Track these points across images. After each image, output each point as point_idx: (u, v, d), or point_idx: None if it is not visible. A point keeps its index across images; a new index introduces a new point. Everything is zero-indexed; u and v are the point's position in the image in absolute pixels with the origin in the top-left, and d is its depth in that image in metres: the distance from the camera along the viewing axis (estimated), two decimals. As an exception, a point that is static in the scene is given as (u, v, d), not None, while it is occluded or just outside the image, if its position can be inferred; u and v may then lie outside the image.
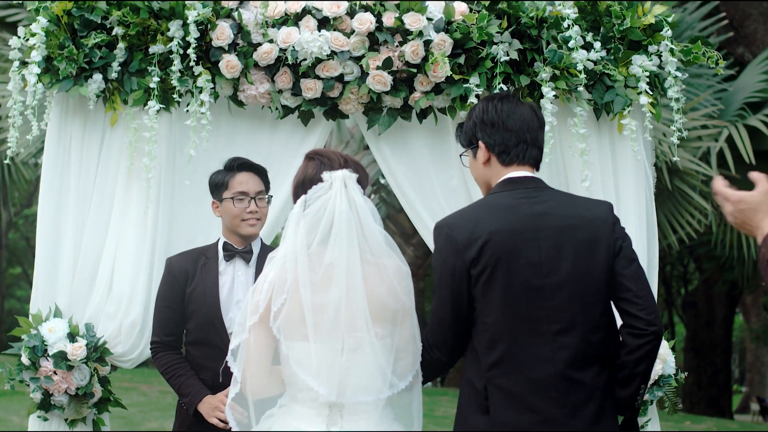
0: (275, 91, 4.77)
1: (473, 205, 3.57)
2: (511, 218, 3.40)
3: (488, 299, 3.35)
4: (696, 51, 4.71)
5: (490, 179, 3.57)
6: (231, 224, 4.48)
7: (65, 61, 4.64)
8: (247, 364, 3.40)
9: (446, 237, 3.41)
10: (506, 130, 3.53)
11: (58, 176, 4.80)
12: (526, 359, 3.31)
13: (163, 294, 4.50)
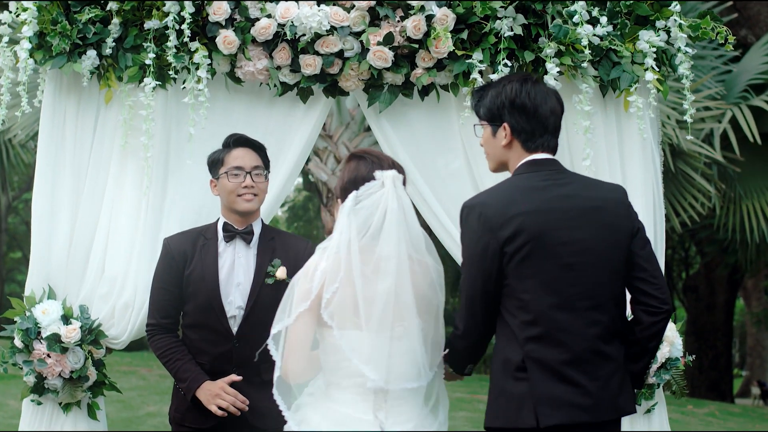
0: (273, 67, 4.69)
1: (502, 186, 3.58)
2: (541, 198, 3.50)
3: (524, 277, 3.44)
4: (705, 26, 4.62)
5: (508, 160, 3.64)
6: (227, 200, 4.39)
7: (58, 36, 4.57)
8: (290, 350, 3.52)
9: (479, 216, 3.46)
10: (536, 119, 3.58)
11: (53, 155, 4.73)
12: (563, 334, 3.43)
13: (161, 275, 4.41)
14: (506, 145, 3.60)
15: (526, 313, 3.44)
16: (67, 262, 4.69)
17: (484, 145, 3.70)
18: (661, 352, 4.52)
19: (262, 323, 4.27)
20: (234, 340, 4.32)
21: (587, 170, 4.56)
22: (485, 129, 3.68)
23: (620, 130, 4.73)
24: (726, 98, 12.36)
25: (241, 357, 4.30)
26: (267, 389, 4.30)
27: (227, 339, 4.33)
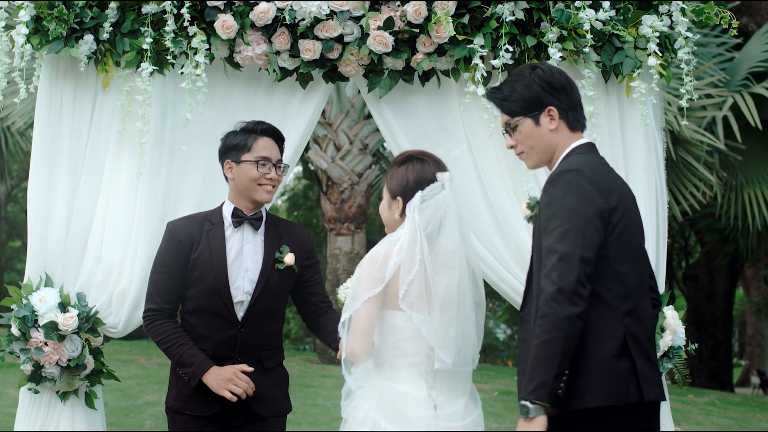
0: (272, 52, 4.69)
1: (587, 159, 3.55)
2: (618, 177, 3.57)
3: (621, 248, 3.42)
4: (708, 11, 4.61)
5: (557, 145, 3.60)
6: (246, 187, 4.34)
7: (55, 21, 4.57)
8: (358, 332, 3.75)
9: (590, 180, 3.41)
10: (574, 95, 3.60)
11: (49, 141, 4.73)
12: (644, 312, 3.47)
13: (164, 259, 4.35)
14: (554, 128, 3.56)
15: (621, 286, 3.41)
16: (65, 250, 4.69)
17: (526, 140, 3.62)
18: (664, 341, 4.52)
19: (267, 309, 4.30)
20: (239, 326, 4.30)
21: None
22: (523, 123, 3.61)
23: (622, 115, 4.75)
24: (728, 86, 12.41)
25: (245, 343, 4.29)
26: (268, 376, 4.32)
27: (232, 324, 4.30)
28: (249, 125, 4.38)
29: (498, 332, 39.22)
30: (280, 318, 4.46)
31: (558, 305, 3.27)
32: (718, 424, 11.01)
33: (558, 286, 3.29)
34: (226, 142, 4.38)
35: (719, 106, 11.93)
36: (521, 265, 4.66)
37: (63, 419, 4.65)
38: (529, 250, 4.58)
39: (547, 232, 3.39)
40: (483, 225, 4.77)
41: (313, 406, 10.09)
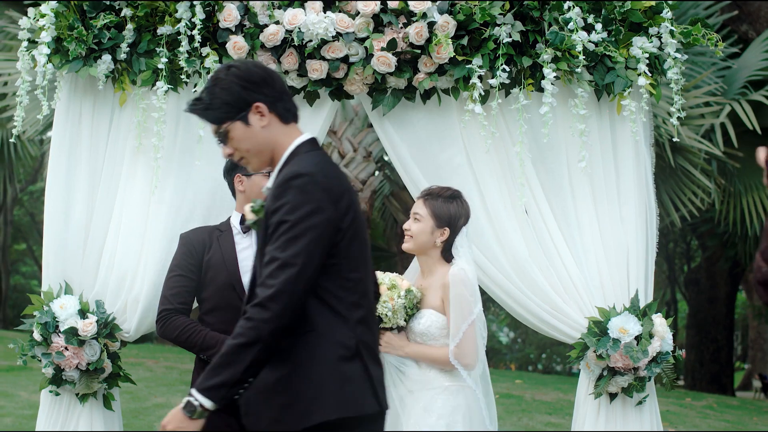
0: (281, 71, 4.87)
1: (315, 160, 3.37)
2: (344, 177, 3.47)
3: (352, 255, 3.33)
4: (696, 33, 4.81)
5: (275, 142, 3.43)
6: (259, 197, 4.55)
7: (75, 41, 4.77)
8: (471, 347, 4.46)
9: (321, 185, 3.25)
10: (277, 85, 3.46)
11: (65, 155, 4.93)
12: (372, 318, 3.45)
13: (180, 263, 4.56)
14: (266, 125, 3.37)
15: (354, 293, 3.29)
16: (83, 259, 4.90)
17: (241, 143, 3.38)
18: (652, 347, 4.70)
19: None
20: None
21: (583, 171, 4.78)
22: (234, 128, 3.38)
23: (614, 132, 4.92)
24: (725, 94, 12.48)
25: None
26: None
27: None
28: None
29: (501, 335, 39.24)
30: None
31: (267, 313, 3.14)
32: (714, 426, 11.16)
33: (272, 295, 3.16)
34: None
35: (717, 113, 12.04)
36: (518, 273, 4.87)
37: (82, 420, 4.86)
38: (527, 259, 4.83)
39: (273, 238, 3.24)
40: (482, 234, 4.94)
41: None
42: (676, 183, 12.32)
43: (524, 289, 4.91)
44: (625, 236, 4.88)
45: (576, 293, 4.90)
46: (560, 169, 4.94)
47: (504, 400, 11.93)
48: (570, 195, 4.95)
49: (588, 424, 4.86)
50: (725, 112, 11.88)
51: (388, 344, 4.44)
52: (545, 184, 4.94)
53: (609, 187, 4.90)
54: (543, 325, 4.92)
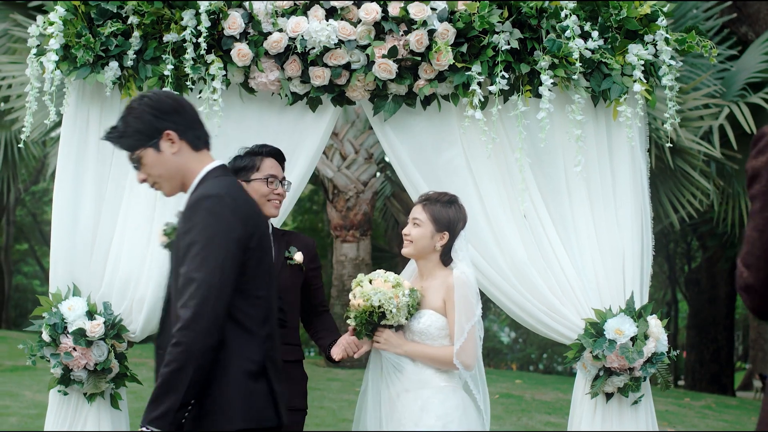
0: (285, 78, 4.96)
1: (225, 183, 3.57)
2: (252, 201, 3.70)
3: (259, 274, 3.52)
4: (690, 40, 4.89)
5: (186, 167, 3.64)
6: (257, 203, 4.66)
7: (82, 49, 4.86)
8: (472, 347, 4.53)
9: (230, 207, 3.45)
10: (188, 115, 3.68)
11: (73, 160, 5.01)
12: (277, 333, 3.64)
13: None
14: (176, 151, 3.59)
15: (261, 310, 3.49)
16: (90, 262, 4.98)
17: (153, 169, 3.61)
18: (647, 348, 4.77)
19: (283, 304, 4.60)
20: None
21: (579, 176, 4.87)
22: (146, 154, 3.59)
23: (610, 138, 5.00)
24: (725, 96, 12.55)
25: None
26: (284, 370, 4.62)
27: None
28: (254, 148, 4.75)
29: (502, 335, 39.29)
30: (295, 314, 4.79)
31: (194, 334, 3.27)
32: (712, 426, 11.25)
33: (195, 315, 3.29)
34: (234, 164, 4.72)
35: (716, 115, 12.11)
36: (517, 276, 4.96)
37: (90, 419, 4.94)
38: (525, 262, 4.92)
39: (186, 259, 3.37)
40: (482, 238, 5.02)
41: (320, 408, 10.36)
42: (675, 184, 12.40)
43: (522, 291, 4.98)
44: (621, 239, 4.96)
45: (573, 295, 4.97)
46: (557, 174, 5.02)
47: (504, 399, 12.04)
48: (567, 199, 5.02)
49: (584, 423, 4.93)
50: (724, 114, 11.95)
51: (387, 342, 4.53)
52: (543, 189, 5.02)
53: (605, 191, 4.98)
54: (541, 326, 5.00)
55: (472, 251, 4.88)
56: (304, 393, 4.82)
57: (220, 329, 3.33)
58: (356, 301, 4.46)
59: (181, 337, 3.29)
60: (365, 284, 4.51)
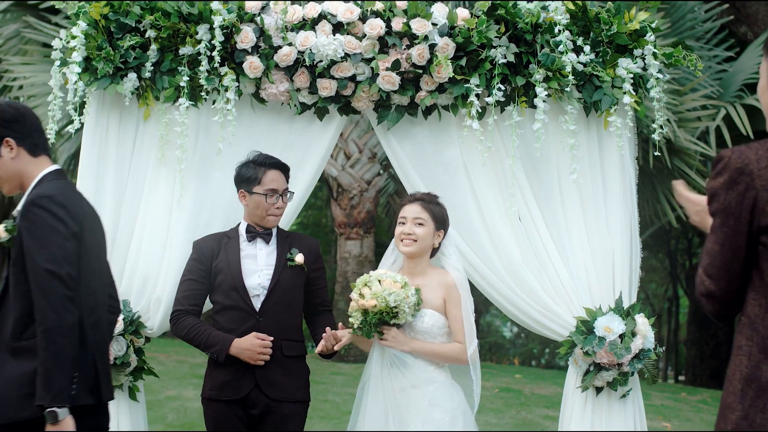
0: (294, 89, 5.23)
1: (56, 185, 3.86)
2: (84, 200, 4.04)
3: (90, 265, 3.84)
4: (677, 54, 5.15)
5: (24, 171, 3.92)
6: (258, 215, 4.99)
7: (103, 61, 5.12)
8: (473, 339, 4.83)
9: (61, 204, 3.75)
10: (27, 123, 3.93)
11: (94, 165, 5.27)
12: (104, 319, 3.99)
13: (191, 268, 5.00)
14: (15, 156, 3.88)
15: (91, 298, 3.83)
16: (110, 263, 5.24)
17: None
18: (635, 344, 5.00)
19: (282, 302, 4.91)
20: (257, 316, 4.91)
21: (574, 183, 5.13)
22: None
23: (601, 146, 5.24)
24: (722, 97, 12.69)
25: (264, 331, 4.89)
26: (287, 364, 4.91)
27: (251, 316, 4.92)
28: (259, 158, 4.99)
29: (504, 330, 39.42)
30: (296, 312, 5.03)
31: (58, 316, 3.58)
32: (707, 420, 11.44)
33: (53, 299, 3.60)
34: (240, 172, 4.99)
35: (713, 116, 12.27)
36: (512, 276, 5.21)
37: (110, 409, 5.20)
38: (520, 263, 5.19)
39: (31, 253, 3.66)
40: (479, 241, 5.27)
41: (324, 401, 10.60)
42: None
43: (517, 290, 5.23)
44: (611, 243, 5.19)
45: (565, 294, 5.21)
46: (551, 181, 5.26)
47: (503, 393, 12.23)
48: (560, 204, 5.26)
49: (575, 415, 5.16)
50: (720, 115, 12.11)
51: (395, 339, 4.74)
52: (537, 195, 5.26)
53: (596, 197, 5.22)
54: (534, 324, 5.24)
55: (469, 253, 5.15)
56: (305, 386, 5.04)
57: (72, 309, 3.62)
58: (369, 302, 4.61)
59: (48, 322, 3.59)
60: (375, 285, 4.67)
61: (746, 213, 2.86)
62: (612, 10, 5.15)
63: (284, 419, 4.91)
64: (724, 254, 2.89)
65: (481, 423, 10.30)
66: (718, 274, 2.90)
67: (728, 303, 2.93)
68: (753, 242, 2.88)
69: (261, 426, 4.90)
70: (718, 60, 13.35)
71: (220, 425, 4.91)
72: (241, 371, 4.88)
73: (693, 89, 12.17)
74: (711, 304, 2.93)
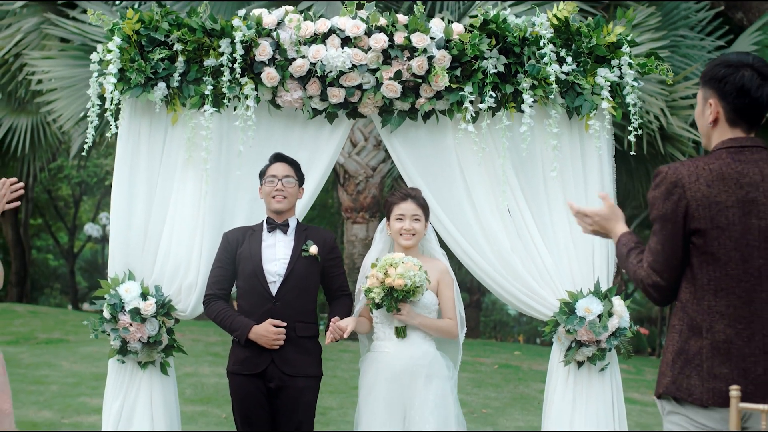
0: (307, 97, 5.70)
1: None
2: None
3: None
4: (650, 64, 5.67)
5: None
6: (266, 201, 5.57)
7: (135, 72, 5.61)
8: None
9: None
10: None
11: (127, 167, 5.76)
12: None
13: (220, 257, 5.58)
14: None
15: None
16: (142, 252, 5.76)
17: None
18: (612, 323, 5.48)
19: (297, 288, 5.48)
20: (274, 301, 5.46)
21: (555, 180, 5.64)
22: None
23: (582, 147, 5.71)
24: (714, 85, 13.01)
25: (280, 314, 5.44)
26: (300, 343, 5.47)
27: (268, 299, 5.47)
28: (270, 158, 5.58)
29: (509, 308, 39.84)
30: (310, 297, 5.56)
31: None
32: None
33: None
34: (260, 172, 5.59)
35: (705, 103, 12.57)
36: (502, 263, 5.71)
37: (143, 383, 5.70)
38: (509, 251, 5.73)
39: None
40: (472, 231, 5.75)
41: (333, 377, 11.17)
42: None
43: (507, 275, 5.71)
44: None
45: (549, 279, 5.69)
46: (537, 177, 5.73)
47: (503, 369, 12.74)
48: (545, 198, 5.74)
49: (559, 386, 5.63)
50: (714, 102, 12.43)
51: (408, 314, 5.36)
52: (525, 190, 5.73)
53: (578, 192, 5.68)
54: (522, 305, 5.74)
55: (463, 242, 5.69)
56: (318, 362, 5.58)
57: None
58: (398, 281, 5.18)
59: None
60: (401, 267, 5.22)
61: (680, 219, 3.46)
62: (592, 24, 5.65)
63: (299, 392, 5.46)
64: (665, 252, 3.49)
65: (481, 397, 10.89)
66: (661, 269, 3.50)
67: (670, 291, 3.53)
68: (686, 242, 3.49)
69: (278, 397, 5.46)
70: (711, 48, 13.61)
71: (242, 395, 5.48)
72: (258, 349, 5.44)
73: (686, 78, 12.53)
74: (657, 292, 3.53)
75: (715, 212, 3.44)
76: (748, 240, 3.42)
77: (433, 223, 5.78)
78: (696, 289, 3.48)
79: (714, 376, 3.42)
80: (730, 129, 3.57)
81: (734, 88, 3.52)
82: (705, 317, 3.45)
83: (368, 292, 5.33)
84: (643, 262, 3.56)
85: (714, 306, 3.45)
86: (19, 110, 14.90)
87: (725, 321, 3.42)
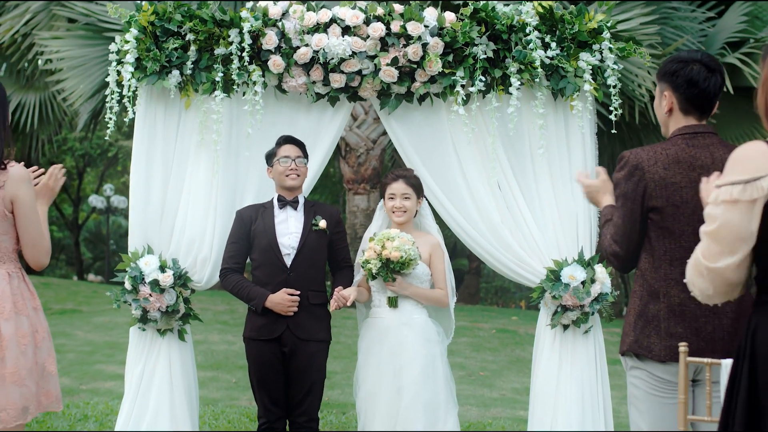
0: (310, 82, 6.07)
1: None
2: None
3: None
4: (629, 48, 6.06)
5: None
6: (279, 179, 5.92)
7: (151, 61, 5.99)
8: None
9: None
10: None
11: (145, 149, 6.14)
12: None
13: (234, 233, 5.96)
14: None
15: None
16: (160, 228, 6.15)
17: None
18: (594, 288, 5.86)
19: (309, 259, 5.88)
20: (288, 272, 5.85)
21: (541, 157, 6.03)
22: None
23: (567, 126, 6.08)
24: (705, 55, 13.18)
25: (294, 284, 5.83)
26: (312, 310, 5.86)
27: (283, 271, 5.84)
28: (278, 140, 5.94)
29: (509, 274, 39.73)
30: (320, 267, 5.95)
31: None
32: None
33: None
34: (266, 154, 5.96)
35: (695, 75, 12.73)
36: (492, 234, 6.10)
37: (162, 349, 6.09)
38: (499, 223, 6.13)
39: None
40: (465, 205, 6.13)
41: (337, 342, 11.46)
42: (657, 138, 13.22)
43: (497, 246, 6.09)
44: (575, 206, 6.02)
45: (537, 249, 6.04)
46: (525, 154, 6.10)
47: (500, 334, 13.13)
48: (532, 174, 6.10)
49: (546, 347, 6.03)
50: (703, 74, 12.61)
51: (401, 284, 5.76)
52: (514, 167, 6.10)
53: (562, 168, 6.06)
54: (511, 273, 6.12)
55: (456, 215, 6.07)
56: (327, 328, 5.98)
57: None
58: (394, 254, 5.58)
59: None
60: (397, 240, 5.62)
61: (639, 197, 3.91)
62: (574, 12, 6.03)
63: (310, 355, 5.87)
64: (625, 226, 3.94)
65: (479, 360, 11.33)
66: (621, 240, 3.96)
67: (629, 260, 3.99)
68: (645, 218, 3.93)
69: (292, 361, 5.86)
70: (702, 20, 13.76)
71: (259, 359, 5.89)
72: (274, 316, 5.83)
73: (677, 49, 12.73)
74: (617, 261, 3.99)
75: (671, 192, 3.88)
76: (699, 216, 3.87)
77: (429, 198, 6.14)
78: (654, 259, 3.93)
79: (670, 334, 3.87)
80: (684, 117, 4.01)
81: (685, 80, 3.96)
82: (662, 284, 3.90)
83: (365, 264, 5.74)
84: (607, 233, 4.01)
85: (670, 274, 3.90)
86: (27, 87, 15.14)
87: (679, 287, 3.84)
